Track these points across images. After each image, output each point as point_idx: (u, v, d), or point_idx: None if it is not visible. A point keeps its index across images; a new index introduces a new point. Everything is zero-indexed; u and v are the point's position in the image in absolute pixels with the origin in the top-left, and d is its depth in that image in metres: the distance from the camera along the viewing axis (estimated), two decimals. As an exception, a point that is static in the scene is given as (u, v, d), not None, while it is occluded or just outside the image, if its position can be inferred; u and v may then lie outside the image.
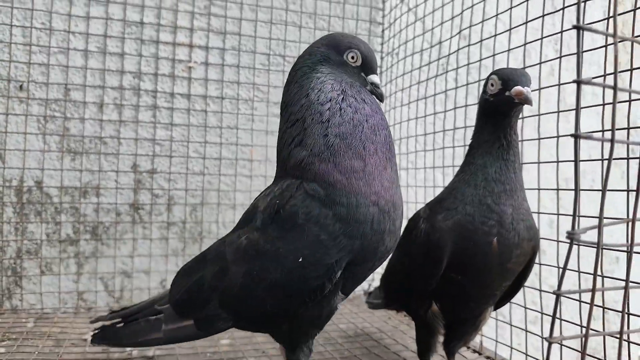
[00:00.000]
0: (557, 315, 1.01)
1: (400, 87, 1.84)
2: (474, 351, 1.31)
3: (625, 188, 0.94)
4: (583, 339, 0.56)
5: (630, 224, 0.59)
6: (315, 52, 0.92)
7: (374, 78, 0.94)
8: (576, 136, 0.51)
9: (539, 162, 1.18)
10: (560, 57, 1.10)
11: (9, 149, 1.50)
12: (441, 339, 1.08)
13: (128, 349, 1.21)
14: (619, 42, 0.54)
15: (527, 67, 1.19)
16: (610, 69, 0.79)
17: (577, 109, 0.52)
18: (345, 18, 1.82)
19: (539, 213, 1.13)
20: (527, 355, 1.19)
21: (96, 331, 1.07)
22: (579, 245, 0.57)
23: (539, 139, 1.17)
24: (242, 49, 1.72)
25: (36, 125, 1.53)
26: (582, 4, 0.69)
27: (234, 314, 0.90)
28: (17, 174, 1.51)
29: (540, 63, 1.17)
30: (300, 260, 0.80)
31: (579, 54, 0.52)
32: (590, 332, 0.56)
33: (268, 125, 1.75)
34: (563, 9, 1.09)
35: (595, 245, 0.55)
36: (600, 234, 0.55)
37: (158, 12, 1.63)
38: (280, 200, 0.84)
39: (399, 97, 1.84)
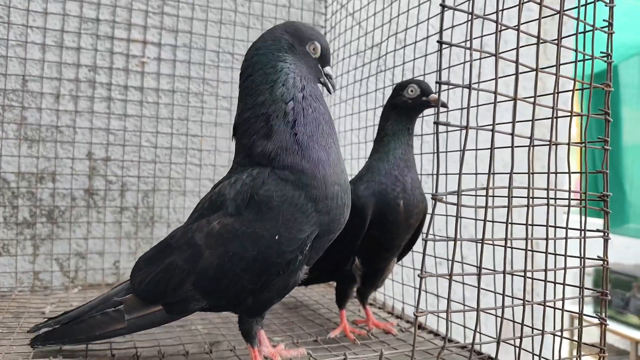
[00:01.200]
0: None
1: (340, 84, 2.01)
2: (379, 307, 1.57)
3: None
4: (448, 277, 0.74)
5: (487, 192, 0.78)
6: (280, 38, 0.97)
7: (328, 70, 1.03)
8: (436, 123, 0.69)
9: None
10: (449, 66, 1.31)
11: (-34, 135, 1.58)
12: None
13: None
14: (476, 59, 0.72)
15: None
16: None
17: (438, 105, 0.69)
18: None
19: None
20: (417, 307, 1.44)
21: (37, 334, 1.06)
22: (446, 204, 0.75)
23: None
24: (193, 46, 1.85)
25: (-6, 113, 1.61)
26: (448, 28, 0.87)
27: (208, 293, 0.97)
28: (-26, 160, 1.60)
29: (440, 69, 1.37)
30: (276, 237, 0.90)
31: (440, 63, 0.70)
32: (454, 273, 0.74)
33: (217, 118, 1.88)
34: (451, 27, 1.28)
35: (455, 204, 0.73)
36: (459, 197, 0.73)
37: (113, 10, 1.73)
38: (253, 187, 0.92)
39: (340, 94, 2.01)
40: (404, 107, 1.24)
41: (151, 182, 1.81)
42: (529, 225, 0.87)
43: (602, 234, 0.91)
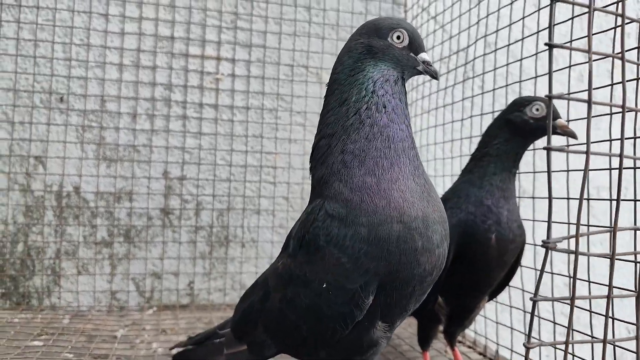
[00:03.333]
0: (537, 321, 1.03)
1: (423, 94, 1.87)
2: (468, 347, 1.42)
3: (609, 198, 0.97)
4: (564, 345, 0.58)
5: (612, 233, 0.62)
6: (355, 46, 0.84)
7: (424, 56, 0.85)
8: (548, 149, 0.54)
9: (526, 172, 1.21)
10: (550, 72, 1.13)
11: (50, 156, 1.61)
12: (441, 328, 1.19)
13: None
14: (594, 60, 0.57)
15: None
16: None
17: (549, 122, 0.55)
18: (367, 29, 1.86)
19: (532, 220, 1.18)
20: (512, 350, 1.29)
21: (175, 353, 1.15)
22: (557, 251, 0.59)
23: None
24: (267, 61, 1.79)
25: (75, 134, 1.64)
26: (554, 25, 0.71)
27: (275, 339, 0.90)
28: (57, 180, 1.62)
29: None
30: (324, 285, 0.77)
31: (550, 71, 0.55)
32: (573, 337, 0.58)
33: (291, 134, 1.81)
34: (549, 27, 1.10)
35: (573, 253, 0.57)
36: (577, 242, 0.57)
37: (187, 27, 1.71)
38: (306, 225, 0.81)
39: (423, 104, 1.87)
40: (522, 127, 1.04)
41: (226, 201, 1.76)
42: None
43: None
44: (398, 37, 0.84)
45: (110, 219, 1.67)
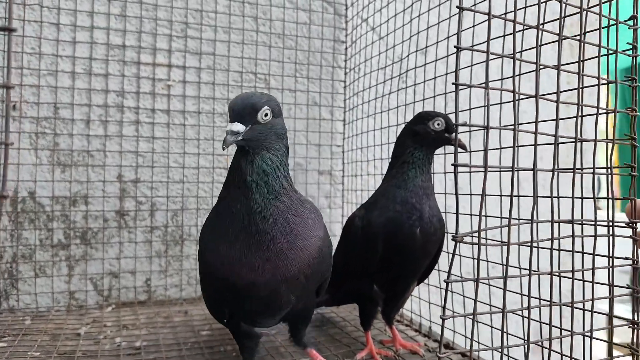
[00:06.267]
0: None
1: (364, 99, 2.01)
2: (406, 325, 1.61)
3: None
4: (472, 316, 0.74)
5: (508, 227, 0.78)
6: None
7: (229, 125, 0.90)
8: (454, 165, 0.69)
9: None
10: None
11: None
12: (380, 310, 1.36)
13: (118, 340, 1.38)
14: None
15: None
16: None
17: (455, 146, 0.70)
18: (311, 37, 1.99)
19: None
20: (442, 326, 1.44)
21: None
22: (463, 243, 0.75)
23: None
24: (217, 68, 1.88)
25: (28, 141, 1.68)
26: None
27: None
28: (12, 185, 1.66)
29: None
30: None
31: (457, 106, 0.70)
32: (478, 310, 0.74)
33: (242, 137, 1.91)
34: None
35: (477, 244, 0.73)
36: (479, 236, 0.73)
37: (139, 36, 1.78)
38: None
39: (364, 109, 2.01)
40: (426, 137, 1.24)
41: (180, 202, 1.85)
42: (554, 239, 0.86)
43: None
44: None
45: (67, 222, 1.72)
